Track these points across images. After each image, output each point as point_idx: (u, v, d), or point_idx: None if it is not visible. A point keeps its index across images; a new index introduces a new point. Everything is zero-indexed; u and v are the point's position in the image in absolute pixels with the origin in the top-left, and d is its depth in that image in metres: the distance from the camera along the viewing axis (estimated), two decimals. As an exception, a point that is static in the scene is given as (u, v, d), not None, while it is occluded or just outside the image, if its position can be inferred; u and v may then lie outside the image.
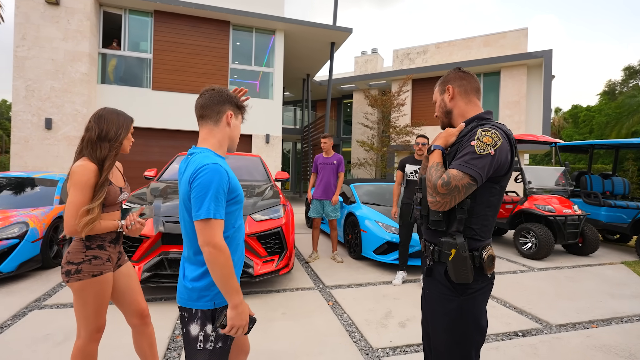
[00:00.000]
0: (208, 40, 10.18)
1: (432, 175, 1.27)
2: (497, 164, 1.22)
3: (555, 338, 2.83)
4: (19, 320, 2.86)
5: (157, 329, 2.70)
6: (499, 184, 1.28)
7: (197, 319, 1.23)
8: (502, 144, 1.22)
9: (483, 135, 1.23)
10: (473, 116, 1.37)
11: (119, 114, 1.72)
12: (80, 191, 1.54)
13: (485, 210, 1.27)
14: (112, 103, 9.32)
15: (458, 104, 1.41)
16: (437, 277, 1.33)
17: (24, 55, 8.50)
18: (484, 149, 1.20)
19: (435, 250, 1.31)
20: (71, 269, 1.58)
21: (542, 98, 12.85)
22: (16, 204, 4.39)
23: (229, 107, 1.34)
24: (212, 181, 1.16)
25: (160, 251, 3.28)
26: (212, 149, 1.30)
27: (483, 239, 1.28)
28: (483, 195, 1.26)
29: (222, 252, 1.14)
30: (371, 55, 19.08)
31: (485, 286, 1.29)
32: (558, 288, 4.10)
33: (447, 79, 1.44)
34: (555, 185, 6.21)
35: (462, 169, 1.20)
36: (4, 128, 29.44)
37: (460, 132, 1.35)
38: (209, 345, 1.22)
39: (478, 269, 1.26)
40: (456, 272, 1.22)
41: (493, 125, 1.28)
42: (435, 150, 1.37)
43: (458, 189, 1.20)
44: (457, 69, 1.45)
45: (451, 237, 1.25)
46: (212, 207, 1.14)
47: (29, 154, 8.55)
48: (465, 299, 1.26)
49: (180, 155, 5.49)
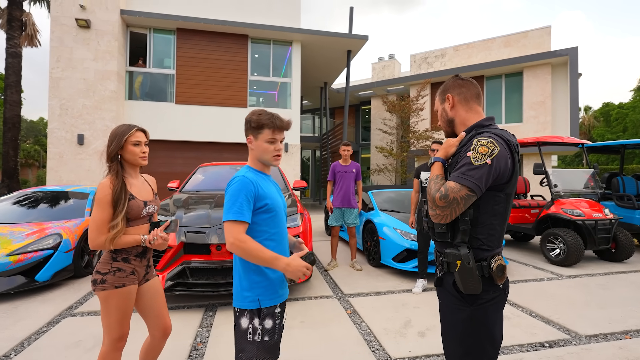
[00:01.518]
0: (228, 54, 10.50)
1: (431, 189, 1.28)
2: (496, 173, 1.20)
3: (585, 349, 2.70)
4: (53, 327, 3.03)
5: (179, 337, 2.79)
6: (503, 192, 1.26)
7: (245, 314, 1.41)
8: (500, 152, 1.21)
9: (479, 145, 1.22)
10: (473, 124, 1.36)
11: (118, 127, 1.75)
12: (99, 207, 1.63)
13: (491, 220, 1.25)
14: (139, 118, 9.76)
15: (459, 112, 1.40)
16: (447, 288, 1.32)
17: (58, 76, 9.07)
18: (480, 159, 1.19)
19: (443, 260, 1.31)
20: (97, 278, 1.67)
21: (568, 97, 12.39)
22: (50, 217, 4.66)
23: (248, 132, 1.51)
24: (235, 189, 1.38)
25: (183, 260, 3.39)
26: (250, 165, 1.53)
27: (491, 248, 1.26)
28: (487, 205, 1.25)
29: (241, 242, 1.33)
30: (388, 61, 19.03)
31: (497, 296, 1.27)
32: (588, 296, 3.91)
33: (447, 87, 1.43)
34: (584, 188, 5.94)
35: (459, 181, 1.20)
36: (41, 144, 31.27)
37: (460, 141, 1.35)
38: (257, 337, 1.39)
39: (487, 279, 1.24)
40: (463, 283, 1.21)
41: (490, 133, 1.26)
42: (436, 163, 1.37)
43: (457, 201, 1.19)
44: (455, 76, 1.44)
45: (456, 249, 1.24)
46: (234, 210, 1.35)
47: (63, 168, 9.05)
48: (476, 309, 1.25)
49: (202, 167, 5.66)
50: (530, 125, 13.08)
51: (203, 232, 3.42)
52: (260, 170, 1.53)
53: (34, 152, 29.42)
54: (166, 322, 1.90)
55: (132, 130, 1.74)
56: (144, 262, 1.81)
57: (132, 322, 2.63)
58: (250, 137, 1.50)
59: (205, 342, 2.79)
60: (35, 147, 29.99)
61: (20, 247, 3.78)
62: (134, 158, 1.76)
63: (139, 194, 1.78)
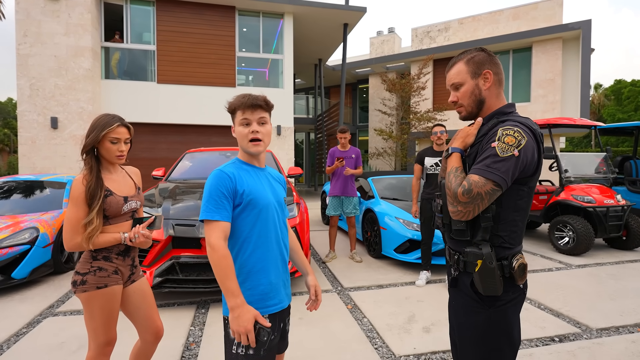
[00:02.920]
0: (213, 28, 10.22)
1: (451, 183, 1.24)
2: (522, 165, 1.17)
3: (596, 344, 2.76)
4: (33, 328, 3.01)
5: (171, 337, 2.79)
6: (526, 185, 1.23)
7: None
8: (527, 142, 1.17)
9: (505, 135, 1.18)
10: (493, 111, 1.31)
11: (99, 118, 1.69)
12: (73, 206, 1.60)
13: (513, 216, 1.23)
14: (117, 99, 9.54)
15: (492, 94, 1.32)
16: (463, 289, 1.30)
17: (26, 52, 8.77)
18: (506, 151, 1.15)
19: (460, 259, 1.29)
20: (77, 279, 1.64)
21: (579, 74, 12.35)
22: (25, 209, 4.58)
23: (232, 117, 1.46)
24: (209, 185, 1.32)
25: (171, 255, 3.36)
26: (239, 157, 1.48)
27: (512, 246, 1.24)
28: (510, 200, 1.22)
29: (214, 250, 1.26)
30: (388, 35, 18.73)
31: (516, 297, 1.26)
32: (599, 287, 3.98)
33: (483, 60, 1.30)
34: (596, 173, 5.99)
35: (484, 174, 1.16)
36: (11, 127, 30.63)
37: (478, 129, 1.31)
38: (240, 351, 1.32)
39: (508, 279, 1.22)
40: (483, 284, 1.20)
41: (516, 122, 1.22)
42: (453, 154, 1.32)
43: (481, 197, 1.16)
44: (486, 51, 1.33)
45: (477, 247, 1.21)
46: (208, 209, 1.29)
47: (36, 154, 8.87)
48: (495, 311, 1.23)
49: (189, 153, 5.58)
50: (538, 105, 13.07)
51: (192, 224, 3.39)
52: (248, 162, 1.46)
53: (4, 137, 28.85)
54: (157, 325, 1.89)
55: (112, 125, 1.68)
56: (127, 262, 1.78)
57: (121, 322, 2.63)
58: (232, 126, 1.47)
59: (198, 341, 2.80)
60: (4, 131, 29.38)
61: (-7, 242, 3.72)
62: (109, 156, 1.70)
63: (117, 189, 1.73)
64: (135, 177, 1.91)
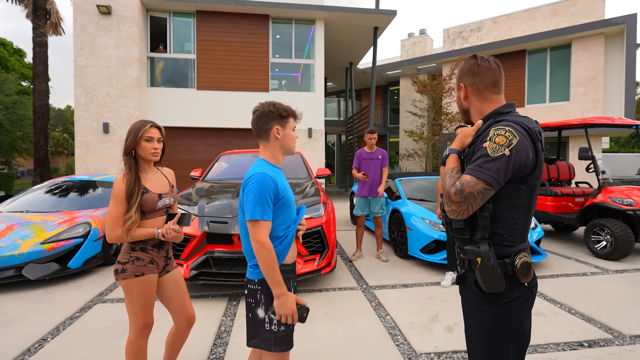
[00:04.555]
0: (248, 35, 10.55)
1: (446, 183, 1.26)
2: (515, 164, 1.17)
3: (628, 350, 2.61)
4: (85, 312, 3.29)
5: (204, 326, 2.96)
6: (525, 184, 1.22)
7: (261, 303, 1.50)
8: (519, 141, 1.17)
9: (496, 135, 1.19)
10: (491, 112, 1.32)
11: (135, 123, 1.87)
12: (114, 202, 1.78)
13: (513, 214, 1.23)
14: (161, 105, 10.09)
15: (473, 103, 1.37)
16: (469, 286, 1.32)
17: (82, 64, 9.48)
18: (497, 151, 1.16)
19: (464, 258, 1.31)
20: (119, 268, 1.81)
21: (624, 72, 11.56)
22: (80, 205, 4.98)
23: (273, 122, 1.57)
24: (258, 188, 1.42)
25: (206, 250, 3.54)
26: (266, 159, 1.58)
27: (513, 244, 1.24)
28: (508, 198, 1.22)
29: (264, 248, 1.40)
30: (419, 37, 18.41)
31: (522, 295, 1.25)
32: (637, 293, 3.74)
33: (461, 72, 1.39)
34: (637, 174, 5.60)
35: (475, 174, 1.18)
36: (69, 132, 33.03)
37: (477, 130, 1.32)
38: (274, 327, 1.48)
39: (511, 277, 1.22)
40: (485, 281, 1.21)
41: (509, 121, 1.22)
42: (451, 155, 1.34)
43: (473, 196, 1.17)
44: (472, 57, 1.37)
45: (475, 245, 1.23)
46: (257, 210, 1.41)
47: (90, 157, 9.57)
48: (500, 309, 1.24)
49: (224, 155, 5.82)
50: (578, 103, 12.35)
51: (225, 222, 3.55)
52: (275, 164, 1.60)
53: (63, 141, 31.16)
54: (189, 312, 2.03)
55: (146, 126, 1.86)
56: (162, 253, 1.93)
57: (158, 310, 2.82)
58: (277, 127, 1.56)
59: (229, 331, 2.94)
60: (64, 135, 31.74)
61: (53, 235, 4.09)
62: (145, 154, 1.87)
63: (153, 187, 1.89)
64: (169, 177, 2.06)
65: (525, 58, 13.45)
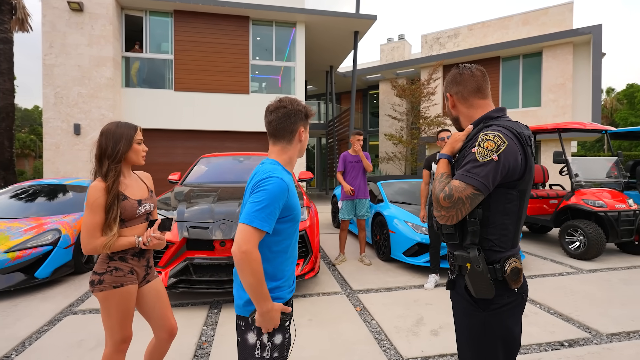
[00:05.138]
0: (228, 37, 10.38)
1: (435, 188, 1.25)
2: (504, 169, 1.16)
3: (606, 349, 2.68)
4: (54, 325, 3.09)
5: (184, 336, 2.83)
6: (515, 189, 1.22)
7: (253, 328, 1.31)
8: (508, 146, 1.16)
9: (484, 140, 1.18)
10: (481, 117, 1.33)
11: (119, 127, 1.74)
12: (91, 212, 1.63)
13: (503, 219, 1.22)
14: (136, 106, 9.76)
15: (461, 110, 1.39)
16: (459, 291, 1.30)
17: (52, 62, 9.05)
18: (485, 156, 1.16)
19: (454, 263, 1.29)
20: (95, 279, 1.68)
21: (590, 79, 12.10)
22: (49, 211, 4.71)
23: (300, 123, 1.41)
24: (271, 193, 1.22)
25: (186, 257, 3.41)
26: (282, 164, 1.39)
27: (503, 249, 1.23)
28: (498, 203, 1.21)
29: (253, 258, 1.19)
30: (398, 42, 18.70)
31: (512, 301, 1.24)
32: (610, 292, 3.87)
33: (446, 83, 1.42)
34: (607, 177, 5.84)
35: (464, 180, 1.17)
36: (37, 133, 31.53)
37: (467, 135, 1.32)
38: (266, 354, 1.30)
39: (501, 282, 1.21)
40: (474, 287, 1.19)
41: (498, 126, 1.22)
42: (441, 160, 1.34)
43: (462, 201, 1.16)
44: (455, 67, 1.41)
45: (465, 251, 1.22)
46: (260, 217, 1.20)
47: (60, 159, 9.12)
48: (490, 314, 1.22)
49: (204, 158, 5.66)
50: (549, 109, 12.84)
51: (206, 227, 3.43)
52: (288, 169, 1.42)
53: (30, 142, 29.68)
54: (171, 323, 1.92)
55: (137, 129, 1.78)
56: (142, 262, 1.82)
57: (137, 321, 2.68)
58: (302, 129, 1.42)
59: (210, 340, 2.82)
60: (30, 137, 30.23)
61: (18, 243, 3.83)
62: (137, 158, 1.78)
63: (131, 193, 1.77)
64: (147, 181, 1.95)
65: (500, 64, 13.89)
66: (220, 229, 3.41)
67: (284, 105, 1.39)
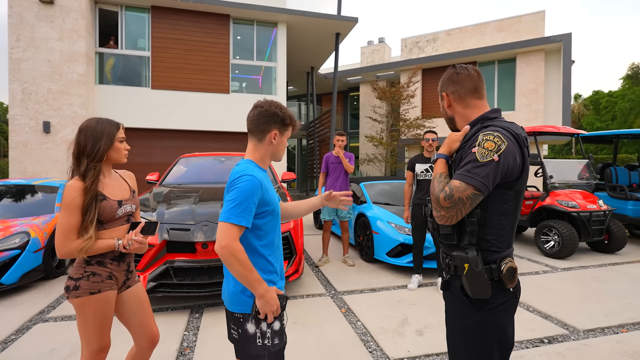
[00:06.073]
0: (207, 35, 10.18)
1: (434, 188, 1.24)
2: (504, 169, 1.17)
3: (584, 345, 2.77)
4: (23, 334, 2.90)
5: (165, 342, 2.72)
6: (512, 189, 1.22)
7: (251, 318, 1.38)
8: (507, 147, 1.17)
9: (485, 140, 1.18)
10: (478, 117, 1.33)
11: (99, 123, 1.65)
12: (67, 213, 1.53)
13: (500, 219, 1.22)
14: (111, 104, 9.40)
15: (457, 110, 1.38)
16: (454, 292, 1.30)
17: (19, 57, 8.60)
18: (486, 156, 1.16)
19: (450, 263, 1.28)
20: (70, 284, 1.58)
21: (561, 85, 12.62)
22: (16, 213, 4.45)
23: (274, 126, 1.47)
24: (244, 190, 1.31)
25: (165, 260, 3.29)
26: (254, 162, 1.47)
27: (500, 250, 1.23)
28: (496, 204, 1.22)
29: (237, 251, 1.27)
30: (378, 45, 18.92)
31: (507, 301, 1.25)
32: (584, 289, 4.03)
33: (442, 83, 1.41)
34: (579, 179, 6.09)
35: (464, 180, 1.17)
36: (1, 131, 29.93)
37: (464, 135, 1.32)
38: (267, 342, 1.38)
39: (497, 282, 1.22)
40: (471, 287, 1.19)
41: (497, 127, 1.22)
42: (439, 160, 1.33)
43: (462, 201, 1.16)
44: (452, 67, 1.40)
45: (463, 251, 1.21)
46: (237, 212, 1.29)
47: (27, 158, 8.66)
48: (485, 314, 1.23)
49: (184, 158, 5.51)
50: (522, 113, 13.29)
51: (187, 229, 3.32)
52: (262, 166, 1.51)
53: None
54: (153, 331, 1.83)
55: (120, 127, 1.70)
56: (122, 267, 1.72)
57: (115, 328, 2.55)
58: (276, 132, 1.47)
59: (192, 346, 2.73)
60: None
61: (-17, 247, 3.59)
62: (119, 156, 1.70)
63: (111, 193, 1.67)
64: (129, 181, 1.85)
65: (476, 69, 14.25)
66: (203, 230, 3.32)
67: (261, 105, 1.48)
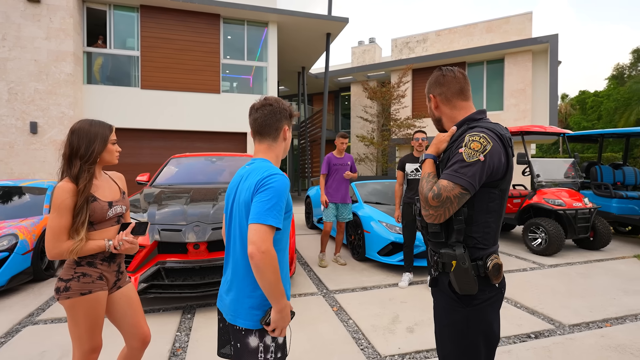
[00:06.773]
0: (198, 35, 10.12)
1: (423, 188, 1.28)
2: (489, 169, 1.21)
3: (569, 339, 2.85)
4: (12, 337, 2.87)
5: (156, 343, 2.72)
6: (497, 188, 1.27)
7: (254, 332, 1.29)
8: (493, 147, 1.21)
9: (471, 141, 1.22)
10: (464, 118, 1.37)
11: (92, 125, 1.66)
12: (57, 214, 1.52)
13: (486, 217, 1.27)
14: (100, 104, 9.29)
15: (444, 112, 1.42)
16: (442, 288, 1.33)
17: (5, 56, 8.44)
18: (472, 156, 1.20)
19: (438, 260, 1.32)
20: (60, 286, 1.58)
21: (548, 85, 12.84)
22: (4, 215, 4.38)
23: (285, 121, 1.43)
24: (278, 190, 1.23)
25: (157, 261, 3.28)
26: (271, 161, 1.39)
27: (486, 247, 1.28)
28: (482, 202, 1.26)
29: (272, 257, 1.17)
30: (369, 45, 19.01)
31: (493, 296, 1.29)
32: (570, 285, 4.12)
33: (429, 85, 1.44)
34: (565, 177, 6.22)
35: (452, 179, 1.20)
36: (-14, 132, 29.26)
37: (452, 136, 1.36)
38: (269, 356, 1.28)
39: (483, 278, 1.26)
40: (459, 283, 1.23)
41: (483, 128, 1.26)
42: (427, 160, 1.37)
43: (450, 200, 1.20)
44: (438, 69, 1.44)
45: (450, 249, 1.25)
46: (272, 214, 1.20)
47: (14, 160, 8.51)
48: (472, 309, 1.27)
49: (174, 158, 5.48)
50: (510, 113, 13.50)
51: (179, 229, 3.32)
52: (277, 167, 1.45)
53: (-22, 141, 27.53)
54: (144, 331, 1.83)
55: (112, 129, 1.71)
56: (113, 267, 1.72)
57: (107, 328, 2.54)
58: (286, 127, 1.44)
59: (184, 347, 2.73)
60: (-21, 136, 28.04)
61: (-31, 249, 3.54)
62: (111, 157, 1.71)
63: (102, 194, 1.68)
64: (119, 182, 1.86)
65: (465, 70, 14.44)
66: (194, 231, 3.32)
67: (269, 103, 1.41)
